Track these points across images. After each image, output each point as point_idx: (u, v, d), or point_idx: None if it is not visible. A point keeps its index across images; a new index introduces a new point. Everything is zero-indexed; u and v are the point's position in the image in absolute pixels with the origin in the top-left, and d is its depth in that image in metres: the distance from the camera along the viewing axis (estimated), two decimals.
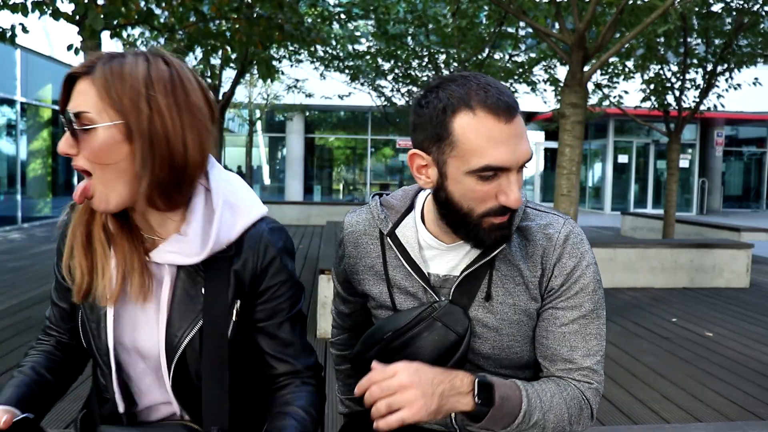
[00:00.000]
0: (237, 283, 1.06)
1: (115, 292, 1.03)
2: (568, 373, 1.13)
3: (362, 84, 11.52)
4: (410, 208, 1.21)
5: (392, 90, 11.56)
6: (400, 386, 0.96)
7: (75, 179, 12.99)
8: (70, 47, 4.83)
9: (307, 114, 19.77)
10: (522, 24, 8.05)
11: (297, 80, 14.90)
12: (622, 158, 19.11)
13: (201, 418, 1.06)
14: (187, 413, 1.09)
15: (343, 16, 8.64)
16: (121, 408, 1.09)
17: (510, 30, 8.46)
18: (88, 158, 0.95)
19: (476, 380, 1.01)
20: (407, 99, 11.47)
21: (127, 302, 1.06)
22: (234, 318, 1.06)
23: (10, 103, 10.52)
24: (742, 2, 7.44)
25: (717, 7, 7.68)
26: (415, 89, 11.11)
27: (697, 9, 7.37)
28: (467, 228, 1.07)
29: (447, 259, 1.17)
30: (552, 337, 1.13)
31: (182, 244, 1.02)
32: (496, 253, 1.11)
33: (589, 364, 1.12)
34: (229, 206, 1.05)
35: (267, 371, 1.13)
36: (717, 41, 8.19)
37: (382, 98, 12.13)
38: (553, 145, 18.41)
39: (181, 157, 0.97)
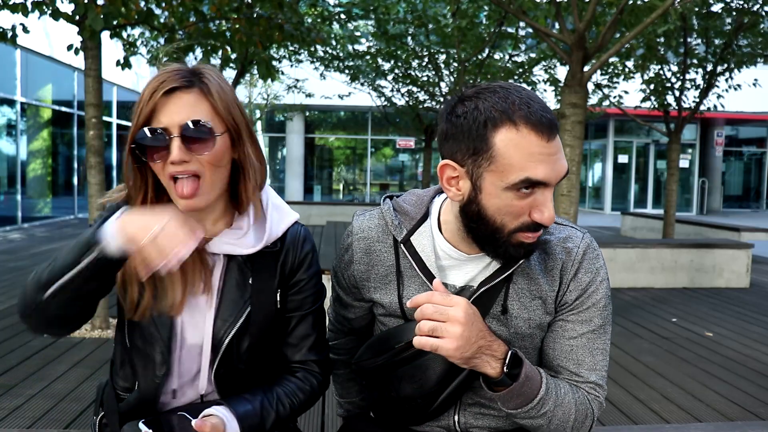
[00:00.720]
0: (280, 275, 1.19)
1: (183, 299, 1.12)
2: (576, 383, 1.15)
3: (362, 84, 11.51)
4: (425, 215, 1.19)
5: (392, 90, 11.55)
6: (453, 318, 0.97)
7: (75, 179, 12.99)
8: (70, 47, 4.83)
9: (307, 114, 19.76)
10: (522, 24, 8.05)
11: (297, 80, 14.89)
12: (622, 158, 19.11)
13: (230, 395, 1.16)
14: (219, 393, 1.17)
15: (343, 16, 8.63)
16: (175, 385, 1.16)
17: (510, 30, 8.45)
18: (208, 162, 1.06)
19: (510, 351, 1.03)
20: (407, 99, 11.46)
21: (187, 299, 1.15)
22: (278, 306, 1.19)
23: (10, 103, 10.52)
24: (742, 2, 7.44)
25: (717, 7, 7.67)
26: (415, 89, 11.11)
27: (697, 9, 7.37)
28: (496, 243, 1.06)
29: (465, 271, 1.16)
30: (559, 348, 1.15)
31: (238, 237, 1.14)
32: (516, 267, 1.11)
33: (594, 379, 1.14)
34: (275, 207, 1.20)
35: (282, 357, 1.23)
36: (717, 41, 8.18)
37: (382, 98, 12.13)
38: None
39: (262, 157, 1.15)
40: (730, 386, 3.51)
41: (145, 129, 1.03)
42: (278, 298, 1.19)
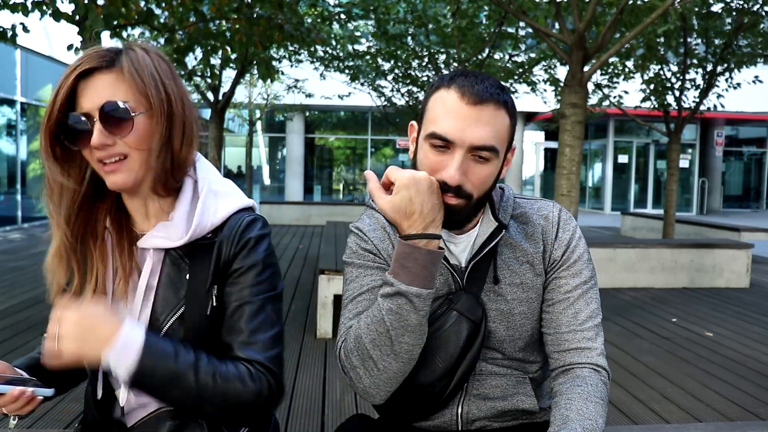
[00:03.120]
0: (215, 268, 1.08)
1: (104, 282, 1.07)
2: (579, 357, 1.17)
3: (362, 84, 11.52)
4: None
5: (392, 90, 11.56)
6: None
7: None
8: (70, 47, 4.83)
9: (307, 114, 19.77)
10: (522, 24, 8.05)
11: (297, 80, 14.89)
12: (622, 158, 19.12)
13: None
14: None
15: (343, 16, 8.64)
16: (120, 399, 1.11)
17: (510, 30, 8.46)
18: (131, 144, 1.02)
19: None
20: (407, 99, 11.47)
21: (114, 292, 1.10)
22: (213, 303, 1.08)
23: (10, 103, 10.52)
24: (742, 2, 7.44)
25: (717, 7, 7.68)
26: (415, 89, 11.11)
27: (697, 9, 7.37)
28: None
29: (458, 252, 1.21)
30: (558, 305, 1.21)
31: (168, 229, 1.07)
32: (498, 239, 1.18)
33: (592, 324, 1.19)
34: (213, 193, 1.11)
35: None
36: (717, 41, 8.19)
37: (382, 98, 12.14)
38: (553, 145, 18.42)
39: (188, 139, 1.07)
40: (730, 386, 3.51)
41: (70, 114, 1.01)
42: (214, 294, 1.08)
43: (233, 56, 8.22)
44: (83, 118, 1.00)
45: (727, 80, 8.53)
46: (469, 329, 1.16)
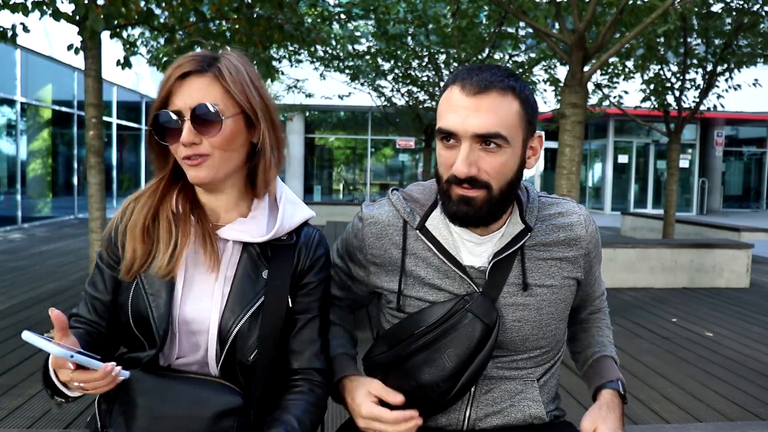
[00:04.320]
0: (294, 272, 1.18)
1: (178, 261, 1.11)
2: (601, 303, 1.43)
3: (362, 84, 11.51)
4: (435, 202, 1.23)
5: (392, 90, 11.55)
6: None
7: (75, 179, 12.99)
8: (70, 47, 4.83)
9: (307, 114, 19.76)
10: (522, 24, 8.05)
11: (297, 80, 14.88)
12: (622, 158, 19.11)
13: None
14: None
15: (343, 16, 8.63)
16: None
17: (510, 30, 8.45)
18: (216, 145, 1.08)
19: (618, 392, 1.25)
20: (407, 99, 11.46)
21: (190, 276, 1.13)
22: (290, 304, 1.16)
23: (10, 103, 10.52)
24: (742, 2, 7.44)
25: (717, 7, 7.67)
26: (415, 89, 11.10)
27: (697, 9, 7.36)
28: (441, 193, 1.16)
29: (480, 251, 1.20)
30: (594, 292, 1.39)
31: (250, 225, 1.14)
32: (523, 242, 1.19)
33: (604, 287, 1.44)
34: (290, 201, 1.20)
35: (285, 365, 1.19)
36: (717, 41, 8.18)
37: (382, 98, 12.13)
38: (553, 145, 18.41)
39: (280, 144, 1.16)
40: (730, 386, 3.51)
41: (161, 111, 1.08)
42: (290, 295, 1.17)
43: None
44: (174, 116, 1.07)
45: (727, 80, 8.53)
46: (481, 332, 1.14)
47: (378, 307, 1.36)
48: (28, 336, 0.91)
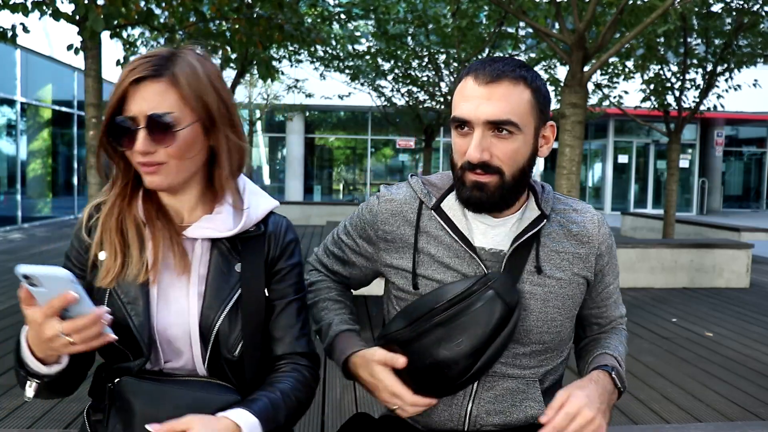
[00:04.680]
0: (266, 261, 1.18)
1: (154, 266, 1.09)
2: (618, 324, 1.38)
3: (362, 84, 11.51)
4: (452, 187, 1.25)
5: (392, 90, 11.55)
6: (588, 421, 1.07)
7: (75, 179, 12.99)
8: (70, 47, 4.84)
9: (307, 114, 19.76)
10: (522, 24, 8.05)
11: (297, 80, 14.89)
12: (622, 158, 19.11)
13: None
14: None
15: (343, 16, 8.64)
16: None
17: (510, 30, 8.46)
18: (172, 154, 1.05)
19: (612, 375, 1.20)
20: (407, 99, 11.46)
21: (162, 280, 1.12)
22: (266, 293, 1.17)
23: (10, 103, 10.52)
24: (742, 2, 7.44)
25: (717, 7, 7.67)
26: (415, 89, 11.10)
27: (697, 9, 7.37)
28: (456, 180, 1.20)
29: (492, 235, 1.22)
30: (608, 307, 1.35)
31: (216, 221, 1.13)
32: (540, 227, 1.21)
33: (624, 311, 1.39)
34: (253, 193, 1.20)
35: (269, 353, 1.19)
36: (717, 41, 8.18)
37: (382, 98, 12.13)
38: (553, 145, 18.39)
39: (241, 143, 1.13)
40: (730, 386, 3.51)
41: (117, 118, 1.04)
42: (265, 284, 1.17)
43: (233, 56, 8.22)
44: (128, 123, 1.04)
45: (727, 80, 8.53)
46: (501, 311, 1.14)
47: (385, 293, 1.36)
48: (25, 269, 0.88)
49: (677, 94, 8.58)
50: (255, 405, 1.04)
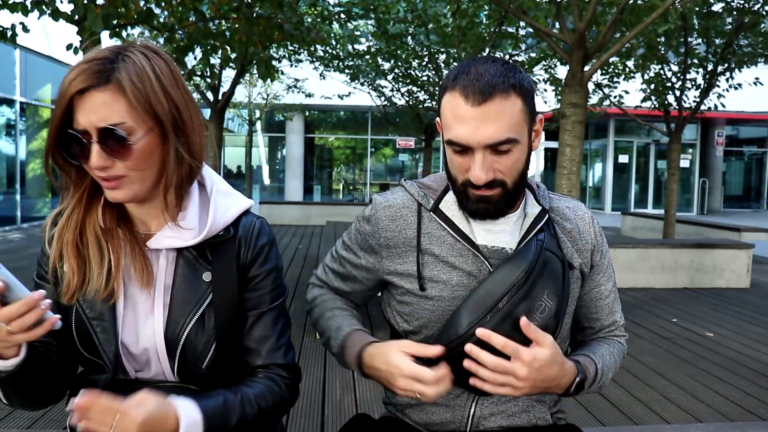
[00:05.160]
0: (237, 267, 1.10)
1: (115, 281, 1.04)
2: (611, 333, 1.35)
3: (362, 84, 11.51)
4: (448, 187, 1.25)
5: (392, 90, 11.55)
6: (516, 377, 1.05)
7: None
8: (69, 47, 4.83)
9: (307, 114, 19.76)
10: (522, 23, 8.04)
11: (297, 80, 14.89)
12: (623, 158, 19.11)
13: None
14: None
15: (343, 16, 8.63)
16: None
17: (510, 29, 8.45)
18: (129, 167, 0.98)
19: (575, 381, 1.15)
20: (407, 99, 11.46)
21: (128, 293, 1.07)
22: (237, 302, 1.10)
23: (10, 102, 10.52)
24: (742, 2, 7.43)
25: (717, 7, 7.67)
26: (415, 89, 11.10)
27: (697, 9, 7.36)
28: (456, 193, 1.20)
29: (495, 231, 1.21)
30: (600, 309, 1.32)
31: (180, 230, 1.06)
32: (544, 221, 1.21)
33: (623, 321, 1.36)
34: (222, 193, 1.11)
35: (245, 365, 1.14)
36: (717, 41, 8.18)
37: (382, 98, 12.13)
38: (553, 144, 18.41)
39: (197, 146, 1.04)
40: (730, 386, 3.50)
41: (65, 132, 0.96)
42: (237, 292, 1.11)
43: (233, 56, 8.21)
44: (80, 137, 0.96)
45: (727, 80, 8.52)
46: (561, 266, 1.16)
47: (384, 302, 1.34)
48: None
49: (678, 93, 8.57)
50: (207, 401, 1.00)
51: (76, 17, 4.43)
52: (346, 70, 10.73)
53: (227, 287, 1.09)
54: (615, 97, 9.50)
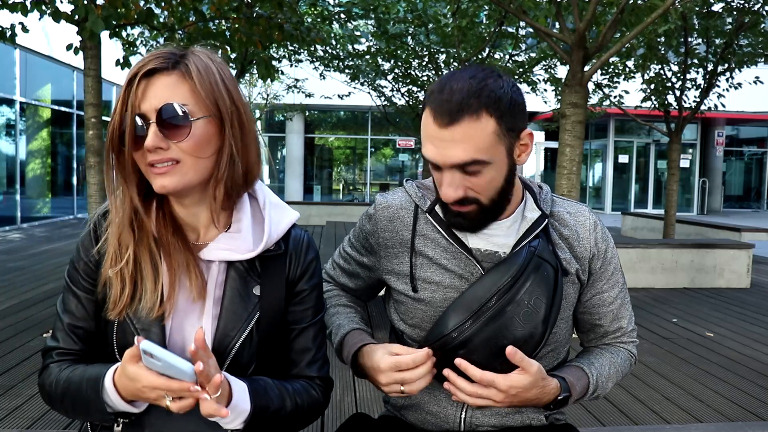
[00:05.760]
0: (286, 282, 1.11)
1: (168, 300, 1.02)
2: (617, 339, 1.31)
3: (362, 84, 11.50)
4: None
5: (392, 90, 11.54)
6: (499, 401, 1.08)
7: (74, 179, 12.98)
8: (69, 47, 4.82)
9: (307, 114, 19.75)
10: (522, 23, 8.04)
11: (297, 80, 14.88)
12: (623, 158, 19.10)
13: None
14: None
15: (343, 16, 8.63)
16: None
17: (510, 29, 8.44)
18: (186, 150, 0.97)
19: (559, 396, 1.14)
20: (407, 99, 11.45)
21: (177, 305, 1.04)
22: (284, 315, 1.11)
23: (9, 102, 10.51)
24: (742, 2, 7.43)
25: (718, 7, 7.66)
26: (415, 89, 11.09)
27: (697, 9, 7.36)
28: (440, 203, 1.21)
29: (489, 235, 1.21)
30: (604, 316, 1.29)
31: (235, 241, 1.04)
32: (543, 226, 1.20)
33: (632, 327, 1.33)
34: (274, 206, 1.11)
35: (281, 375, 1.14)
36: (717, 41, 8.17)
37: (382, 98, 12.12)
38: (553, 145, 18.41)
39: (253, 155, 1.05)
40: (730, 386, 3.50)
41: (124, 116, 0.96)
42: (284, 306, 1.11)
43: (233, 56, 8.20)
44: (139, 121, 0.96)
45: (727, 80, 8.52)
46: (552, 273, 1.14)
47: (386, 300, 1.35)
48: (147, 344, 0.86)
49: (678, 93, 8.57)
50: (251, 383, 1.02)
51: (77, 17, 4.43)
52: (346, 70, 10.73)
53: (275, 302, 1.08)
54: (615, 97, 9.50)
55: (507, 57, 9.58)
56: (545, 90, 10.60)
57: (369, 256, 1.32)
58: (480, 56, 8.65)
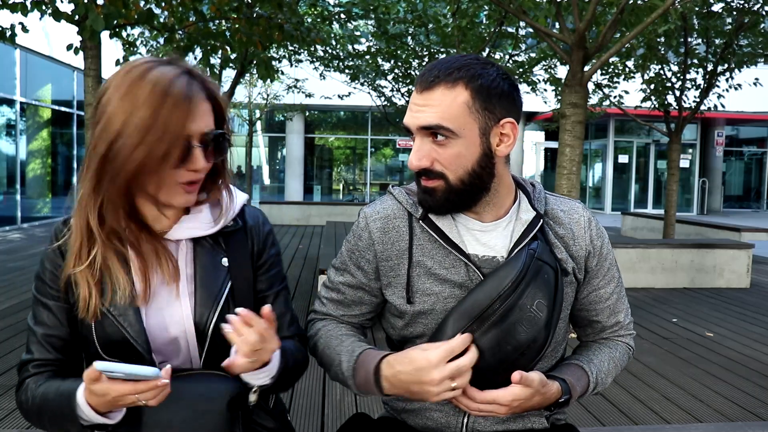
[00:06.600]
0: (251, 254, 1.20)
1: (144, 292, 1.08)
2: (614, 333, 1.32)
3: (362, 84, 11.50)
4: None
5: (392, 90, 11.54)
6: (502, 413, 1.10)
7: (74, 179, 12.97)
8: (69, 47, 4.83)
9: (307, 114, 19.75)
10: (522, 24, 8.04)
11: (297, 80, 14.88)
12: (623, 158, 19.11)
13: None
14: None
15: (343, 16, 8.63)
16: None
17: (510, 30, 8.45)
18: (208, 169, 1.09)
19: (560, 399, 1.15)
20: (407, 99, 11.45)
21: (152, 290, 1.10)
22: (255, 285, 1.20)
23: (10, 102, 10.52)
24: (742, 2, 7.43)
25: (717, 7, 7.66)
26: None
27: (697, 9, 7.36)
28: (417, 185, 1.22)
29: (485, 240, 1.19)
30: (601, 312, 1.30)
31: (197, 220, 1.13)
32: (539, 227, 1.19)
33: (629, 320, 1.33)
34: (227, 186, 1.20)
35: None
36: (717, 41, 8.17)
37: (382, 98, 12.12)
38: (553, 145, 18.41)
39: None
40: (730, 386, 3.50)
41: (209, 132, 1.07)
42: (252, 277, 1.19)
43: (233, 56, 8.21)
44: (195, 143, 1.05)
45: (727, 80, 8.52)
46: (553, 276, 1.13)
47: (382, 316, 1.31)
48: (103, 366, 0.90)
49: (678, 93, 8.57)
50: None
51: (77, 17, 4.43)
52: (346, 70, 10.73)
53: (243, 274, 1.16)
54: (615, 97, 9.50)
55: (507, 57, 9.58)
56: (545, 90, 10.60)
57: (367, 274, 1.24)
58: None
